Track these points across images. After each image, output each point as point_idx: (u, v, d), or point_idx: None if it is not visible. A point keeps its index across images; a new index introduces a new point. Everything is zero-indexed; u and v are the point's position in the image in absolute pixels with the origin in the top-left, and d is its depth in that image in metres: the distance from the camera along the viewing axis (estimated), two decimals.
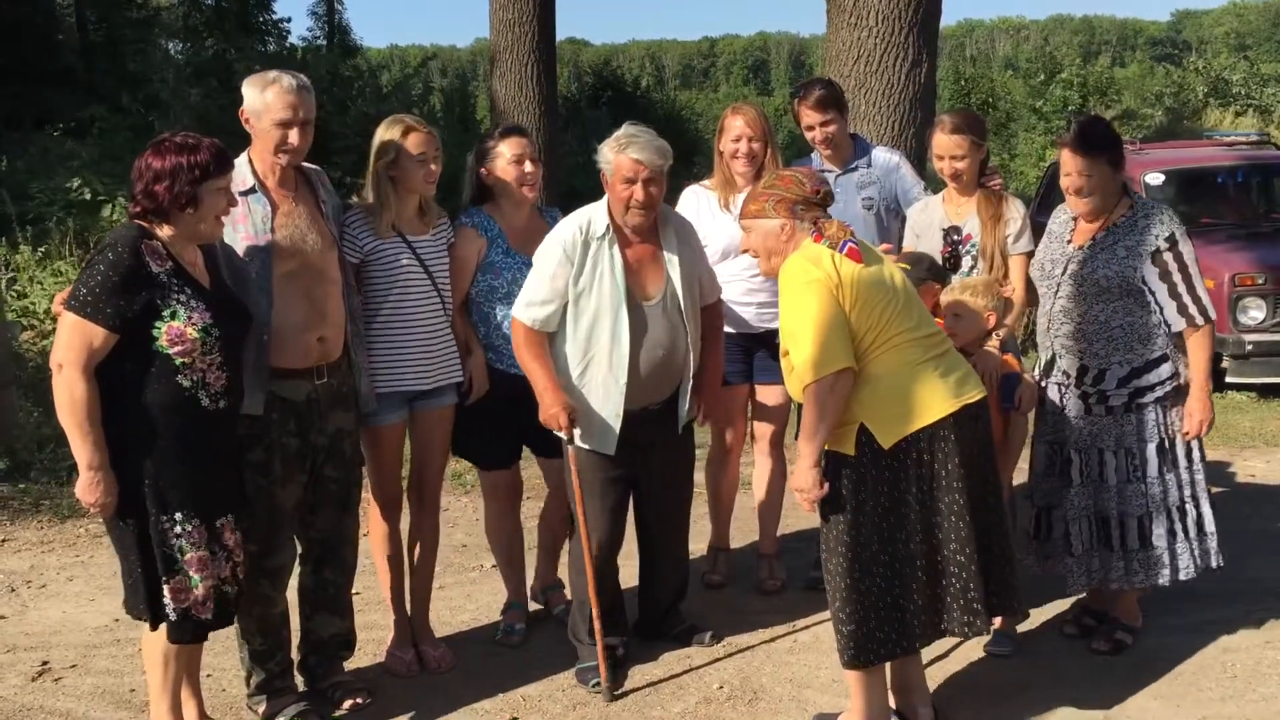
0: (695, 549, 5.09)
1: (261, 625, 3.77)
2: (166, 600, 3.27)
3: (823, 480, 3.42)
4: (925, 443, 3.38)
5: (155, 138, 3.37)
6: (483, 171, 4.25)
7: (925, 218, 4.56)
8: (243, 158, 3.65)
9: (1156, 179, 9.17)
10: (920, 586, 3.44)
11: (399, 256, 3.96)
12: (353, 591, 4.78)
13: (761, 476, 4.88)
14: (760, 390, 4.71)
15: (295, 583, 3.92)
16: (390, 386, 3.99)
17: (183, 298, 3.23)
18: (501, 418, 4.20)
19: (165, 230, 3.28)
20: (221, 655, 4.17)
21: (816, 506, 3.48)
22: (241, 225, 3.59)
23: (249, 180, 3.63)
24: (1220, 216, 9.14)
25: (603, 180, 3.92)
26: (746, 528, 5.14)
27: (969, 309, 4.09)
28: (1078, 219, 4.17)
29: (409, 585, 4.26)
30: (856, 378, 3.37)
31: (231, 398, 3.36)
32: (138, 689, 4.06)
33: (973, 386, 3.48)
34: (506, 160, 4.19)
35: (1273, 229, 9.08)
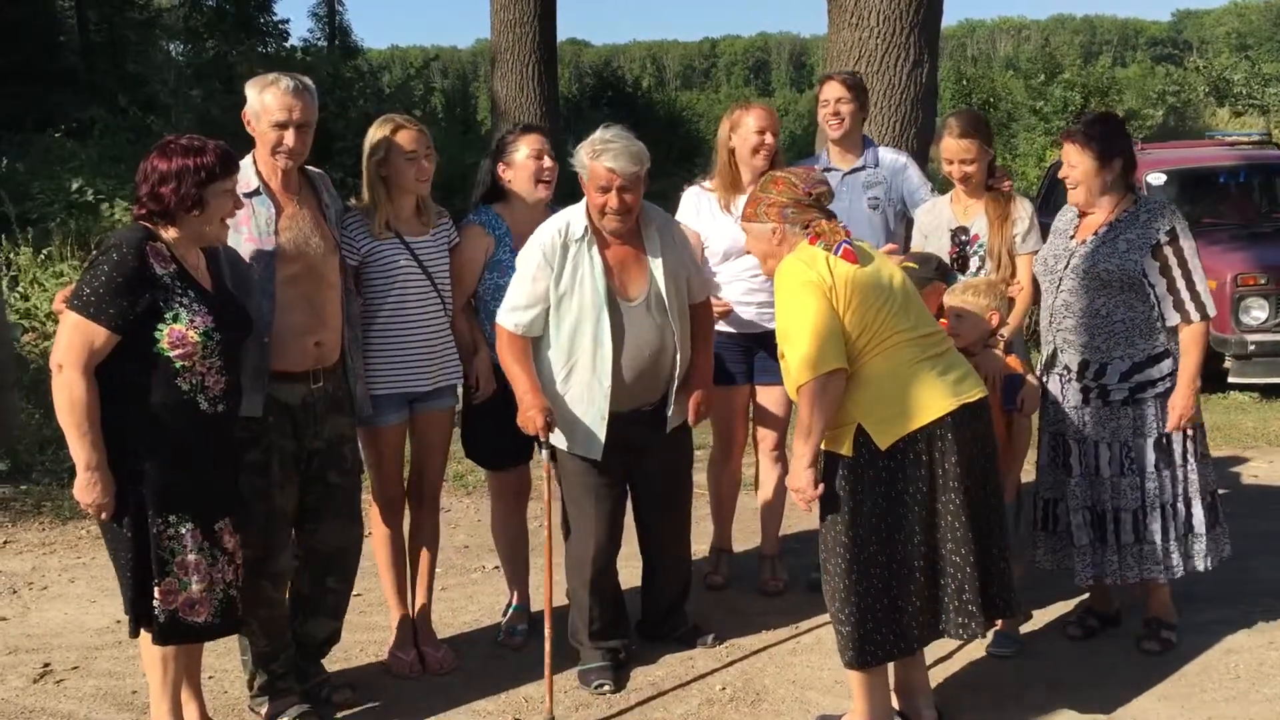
0: (697, 550, 5.08)
1: (265, 627, 3.76)
2: (155, 601, 3.25)
3: (818, 481, 3.42)
4: (923, 443, 3.37)
5: (160, 140, 3.36)
6: (500, 166, 4.23)
7: (933, 219, 4.56)
8: (247, 160, 3.66)
9: (1158, 179, 9.17)
10: (918, 588, 3.43)
11: (397, 258, 3.95)
12: (354, 593, 4.79)
13: (763, 477, 4.88)
14: (761, 391, 4.70)
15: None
16: (390, 388, 3.98)
17: (185, 300, 3.22)
18: (509, 418, 4.18)
19: (170, 232, 3.27)
20: (223, 657, 4.16)
21: (813, 507, 3.48)
22: (245, 227, 3.59)
23: (253, 182, 3.63)
24: (1222, 216, 9.14)
25: (580, 183, 3.88)
26: (748, 529, 5.13)
27: (971, 309, 4.08)
28: (1083, 215, 4.17)
29: (410, 586, 4.26)
30: (852, 379, 3.37)
31: (230, 402, 3.35)
32: (139, 691, 4.05)
33: (972, 386, 3.47)
34: (525, 155, 4.17)
35: (1274, 229, 9.08)
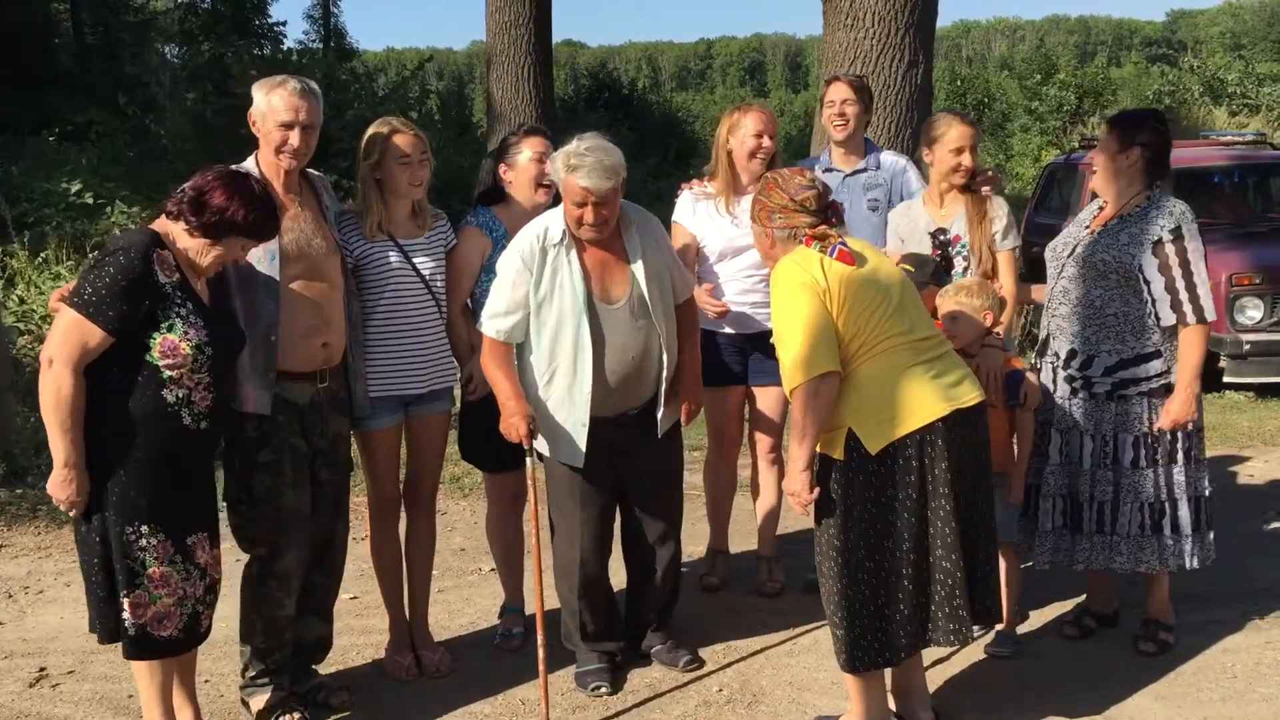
0: (694, 551, 5.09)
1: (267, 626, 3.77)
2: (125, 615, 3.24)
3: (814, 484, 3.42)
4: (913, 448, 3.35)
5: (240, 169, 3.41)
6: (502, 167, 4.22)
7: (908, 222, 4.55)
8: (250, 162, 3.67)
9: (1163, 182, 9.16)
10: (906, 595, 3.41)
11: (391, 260, 3.94)
12: (350, 596, 4.78)
13: (759, 478, 4.87)
14: (756, 392, 4.69)
15: None
16: (385, 390, 3.98)
17: (183, 312, 3.22)
18: None
19: (182, 242, 3.26)
20: (220, 661, 4.16)
21: (809, 510, 3.48)
22: None
23: None
24: (1217, 216, 9.14)
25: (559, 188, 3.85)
26: (745, 530, 5.14)
27: (965, 310, 4.09)
28: (1103, 206, 4.19)
29: (406, 589, 4.26)
30: (844, 382, 3.36)
31: (213, 420, 3.33)
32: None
33: (967, 390, 3.44)
34: (528, 158, 4.16)
35: (1269, 229, 9.09)
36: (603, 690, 4.00)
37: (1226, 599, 4.57)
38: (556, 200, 4.22)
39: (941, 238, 4.43)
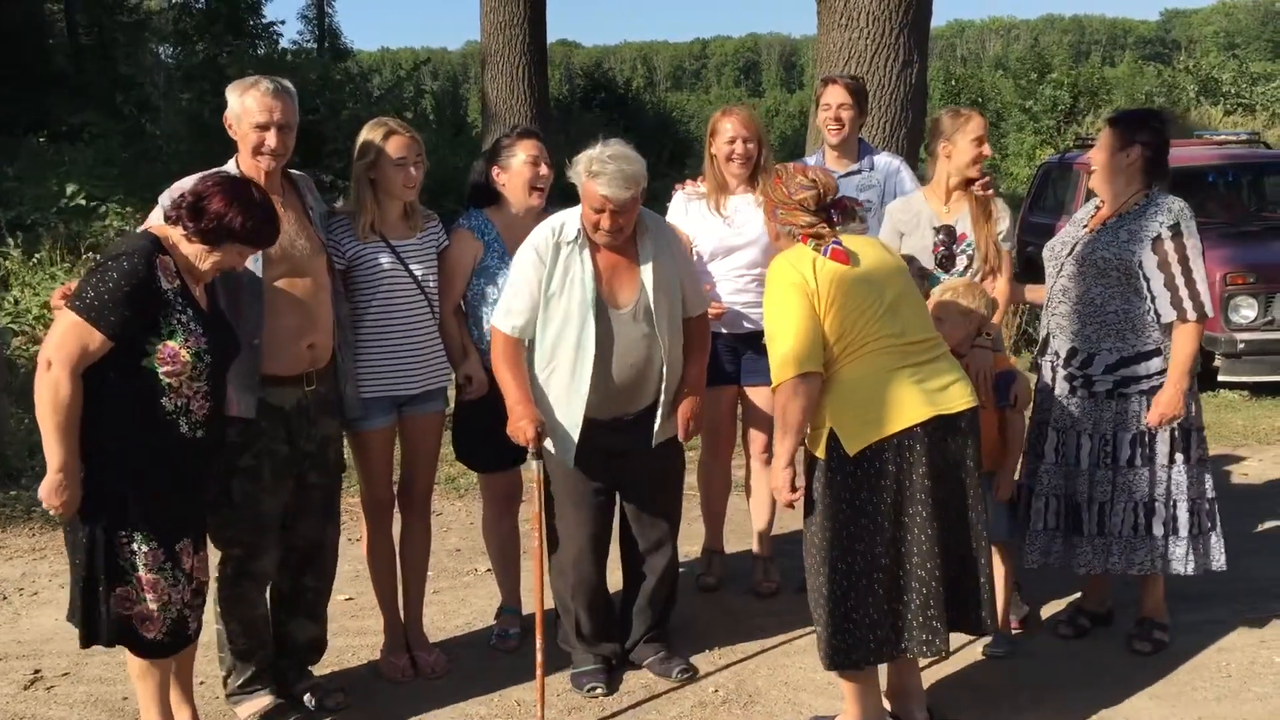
0: (690, 551, 5.09)
1: (245, 627, 3.78)
2: (112, 605, 3.22)
3: (796, 481, 3.43)
4: (891, 452, 3.33)
5: (241, 176, 3.41)
6: (495, 170, 4.21)
7: (909, 216, 4.49)
8: (230, 164, 3.66)
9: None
10: (877, 600, 3.39)
11: (382, 261, 3.93)
12: (345, 598, 4.78)
13: (754, 478, 4.87)
14: (749, 392, 4.69)
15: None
16: (377, 391, 3.97)
17: (184, 319, 3.20)
18: (500, 421, 4.17)
19: (183, 247, 3.25)
20: (215, 663, 4.15)
21: (796, 506, 3.49)
22: None
23: None
24: (1211, 216, 9.15)
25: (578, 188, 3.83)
26: (740, 530, 5.14)
27: (953, 311, 4.09)
28: (1101, 205, 4.19)
29: (401, 590, 4.25)
30: (828, 382, 3.37)
31: (209, 429, 3.32)
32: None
33: (954, 397, 3.40)
34: (522, 161, 4.14)
35: (1263, 228, 9.12)
36: (598, 691, 4.00)
37: (1221, 598, 4.57)
38: (550, 203, 4.22)
39: (944, 235, 4.41)
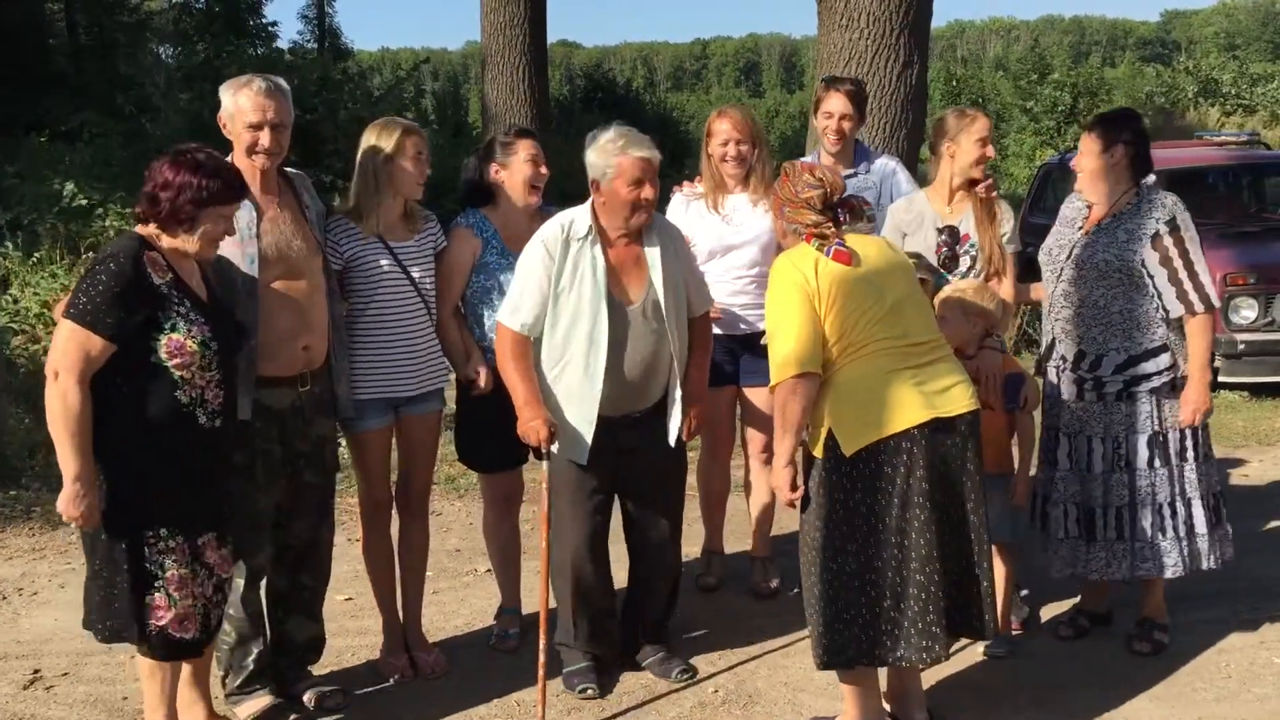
0: (689, 551, 5.09)
1: (239, 624, 3.78)
2: (148, 619, 3.24)
3: (796, 479, 3.43)
4: (887, 454, 3.32)
5: (177, 146, 3.35)
6: (494, 167, 4.20)
7: (912, 216, 4.49)
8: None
9: (1148, 179, 9.18)
10: (869, 602, 3.37)
11: (381, 262, 3.93)
12: (345, 598, 4.78)
13: (753, 478, 4.87)
14: (747, 393, 4.68)
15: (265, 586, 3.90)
16: (374, 392, 3.97)
17: (182, 310, 3.21)
18: (502, 421, 4.16)
19: (164, 240, 3.25)
20: (215, 663, 4.14)
21: (794, 506, 3.49)
22: None
23: None
24: (1211, 216, 9.14)
25: (592, 186, 3.82)
26: (740, 530, 5.13)
27: (962, 311, 4.09)
28: (1091, 206, 4.17)
29: (400, 590, 4.25)
30: (828, 383, 3.36)
31: (226, 416, 3.34)
32: (130, 697, 4.04)
33: (954, 399, 3.39)
34: (523, 159, 4.15)
35: (1263, 228, 9.11)
36: (589, 692, 3.97)
37: (1222, 599, 4.57)
38: (548, 202, 4.22)
39: (946, 235, 4.41)
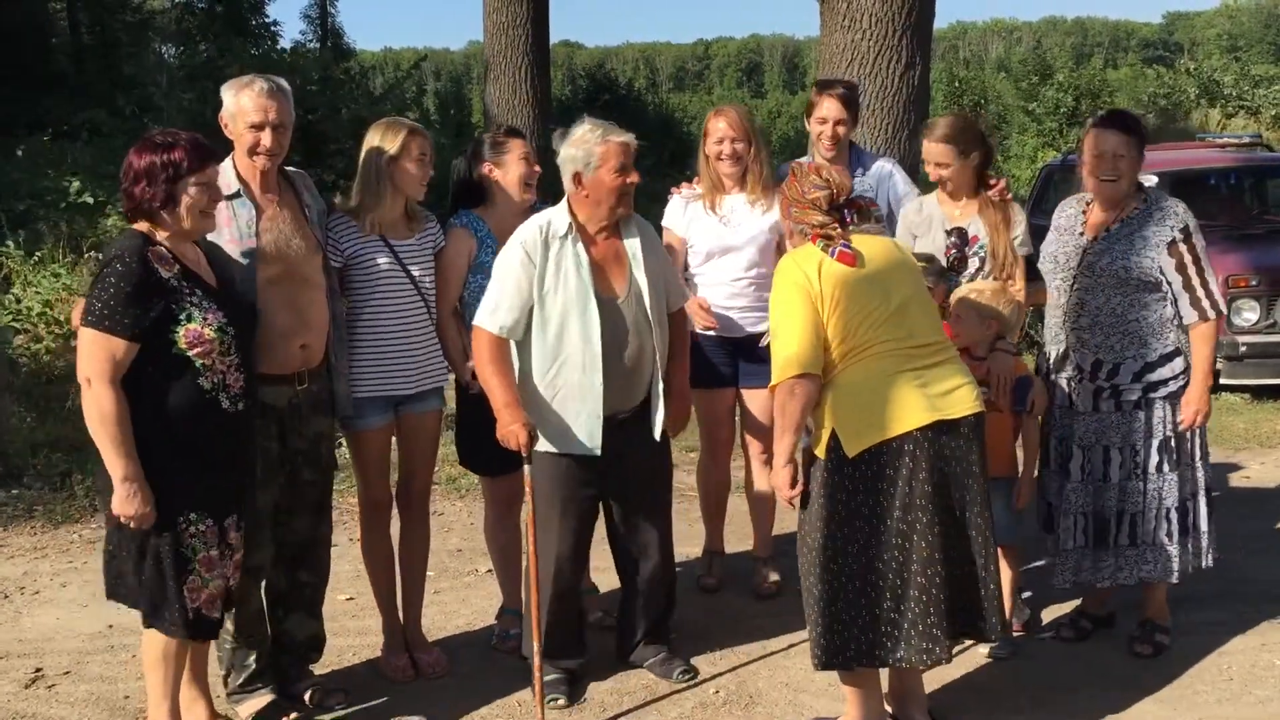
0: (690, 552, 5.09)
1: (242, 621, 3.78)
2: (186, 601, 3.30)
3: (795, 479, 3.43)
4: (889, 456, 3.32)
5: (144, 135, 3.38)
6: (488, 166, 4.21)
7: (922, 218, 4.50)
8: (227, 163, 3.66)
9: (1150, 181, 9.17)
10: (869, 603, 3.37)
11: (381, 260, 3.94)
12: (346, 597, 4.79)
13: (753, 479, 4.87)
14: (746, 395, 4.68)
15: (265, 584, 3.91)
16: (373, 391, 3.97)
17: (195, 299, 3.26)
18: None
19: (161, 232, 3.29)
20: (216, 663, 4.14)
21: (794, 504, 3.49)
22: (226, 229, 3.60)
23: (233, 184, 3.64)
24: (1213, 218, 9.11)
25: (573, 180, 3.81)
26: (741, 531, 5.13)
27: (975, 312, 4.09)
28: (1087, 212, 4.15)
29: (400, 590, 4.25)
30: (831, 384, 3.36)
31: (248, 400, 3.40)
32: (132, 696, 4.04)
33: (958, 401, 3.38)
34: (517, 157, 4.16)
35: (1266, 231, 9.10)
36: (559, 701, 3.93)
37: (1223, 601, 4.57)
38: (546, 200, 4.22)
39: (955, 238, 4.41)
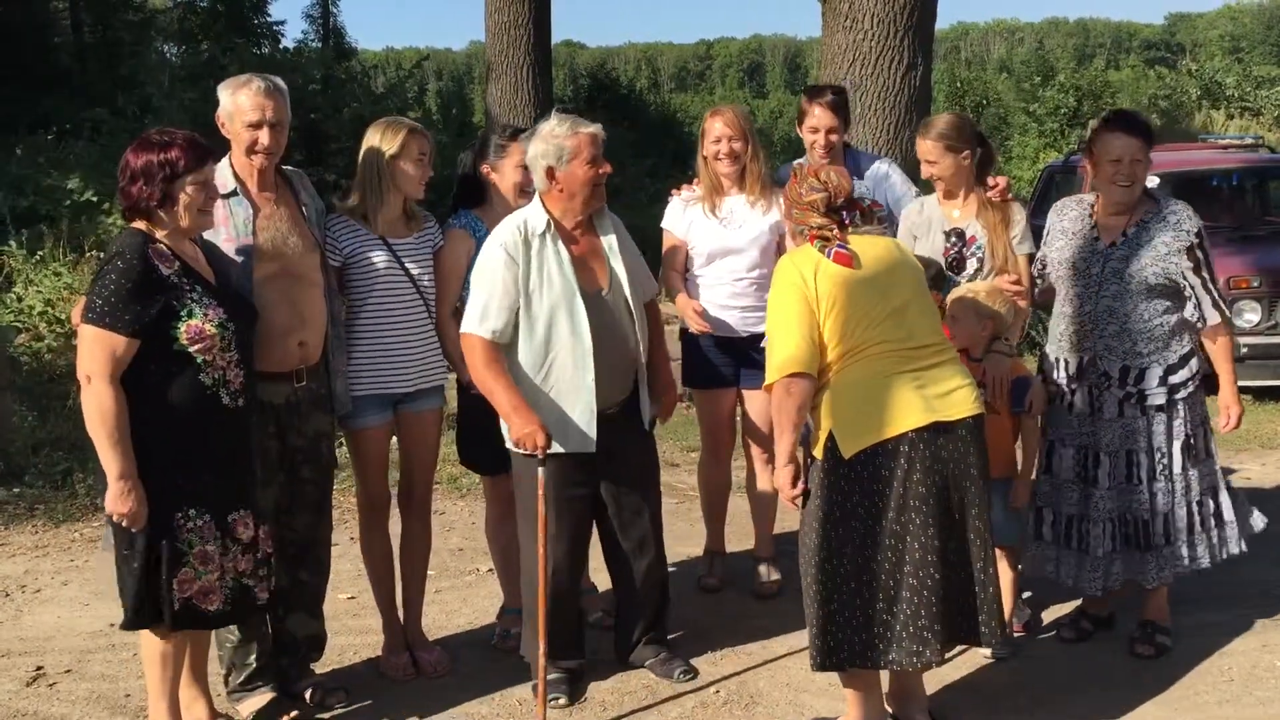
0: (691, 552, 5.10)
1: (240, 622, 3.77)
2: (174, 591, 3.29)
3: (796, 478, 3.44)
4: (885, 457, 3.32)
5: (143, 134, 3.40)
6: (485, 169, 4.22)
7: (921, 219, 4.50)
8: (224, 162, 3.67)
9: (1152, 182, 9.16)
10: (863, 604, 3.37)
11: (380, 259, 3.95)
12: (348, 596, 4.79)
13: (754, 479, 4.87)
14: (747, 395, 4.68)
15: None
16: (371, 389, 3.98)
17: (195, 295, 3.28)
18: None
19: (159, 231, 3.30)
20: (216, 661, 4.15)
21: (795, 504, 3.50)
22: (223, 228, 3.61)
23: (230, 183, 3.65)
24: (1215, 220, 9.14)
25: (546, 175, 3.79)
26: (742, 530, 5.14)
27: (970, 312, 4.09)
28: (1095, 214, 4.14)
29: (401, 590, 4.25)
30: (828, 385, 3.37)
31: (248, 395, 3.41)
32: (133, 694, 4.05)
33: (954, 404, 3.37)
34: (513, 165, 4.16)
35: (1268, 232, 9.11)
36: (561, 701, 3.94)
37: (1223, 602, 4.57)
38: None
39: (955, 238, 4.41)
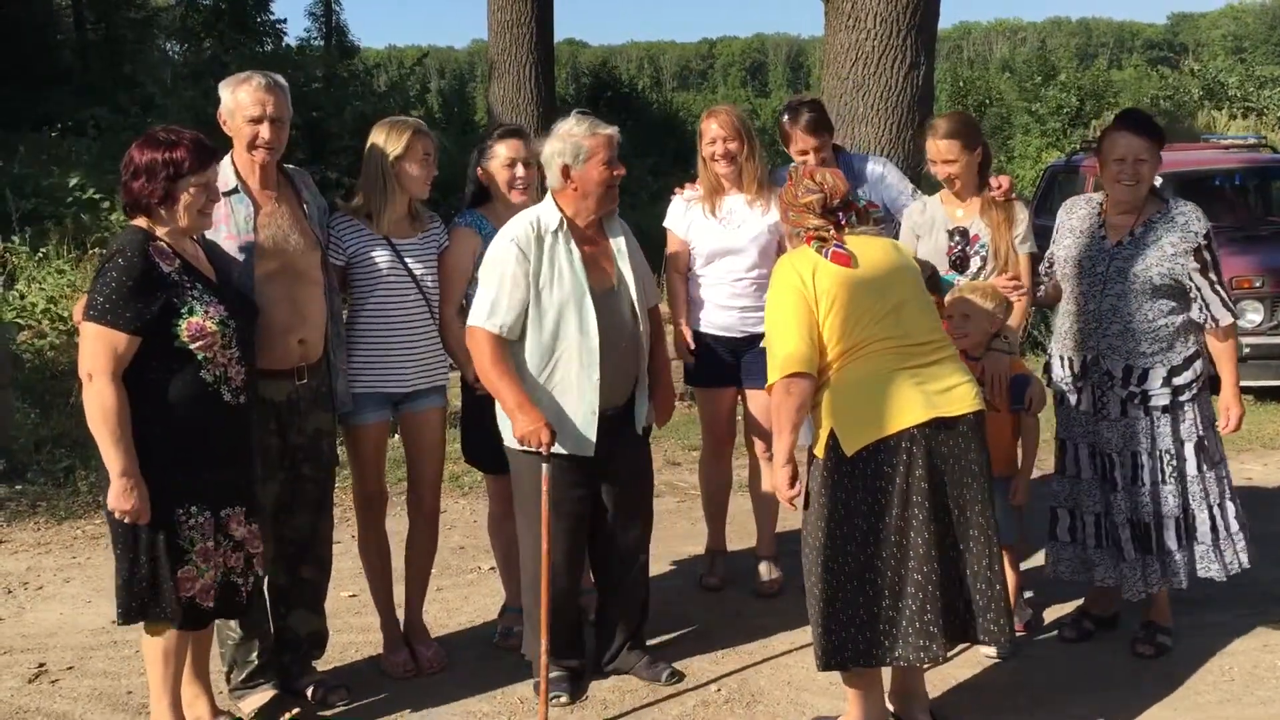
0: (692, 551, 5.10)
1: (244, 619, 3.78)
2: (175, 590, 3.29)
3: (794, 478, 3.44)
4: (887, 454, 3.32)
5: (148, 131, 3.41)
6: (479, 171, 4.25)
7: (925, 218, 4.51)
8: (225, 159, 3.68)
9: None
10: (866, 602, 3.38)
11: (384, 259, 3.95)
12: (349, 594, 4.79)
13: (755, 478, 4.88)
14: (748, 394, 4.69)
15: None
16: (370, 387, 3.99)
17: (196, 293, 3.29)
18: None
19: (159, 228, 3.31)
20: (218, 659, 4.15)
21: (796, 504, 3.50)
22: (224, 225, 3.62)
23: (231, 181, 3.66)
24: (1218, 220, 9.07)
25: (561, 174, 3.79)
26: (743, 529, 5.14)
27: (968, 311, 4.09)
28: (1103, 214, 4.13)
29: (404, 588, 4.25)
30: (829, 383, 3.37)
31: (249, 393, 3.42)
32: (135, 691, 4.05)
33: (956, 400, 3.38)
34: (500, 162, 4.19)
35: (1270, 232, 9.11)
36: (562, 699, 3.94)
37: (1224, 602, 4.57)
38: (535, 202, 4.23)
39: (958, 237, 4.41)
